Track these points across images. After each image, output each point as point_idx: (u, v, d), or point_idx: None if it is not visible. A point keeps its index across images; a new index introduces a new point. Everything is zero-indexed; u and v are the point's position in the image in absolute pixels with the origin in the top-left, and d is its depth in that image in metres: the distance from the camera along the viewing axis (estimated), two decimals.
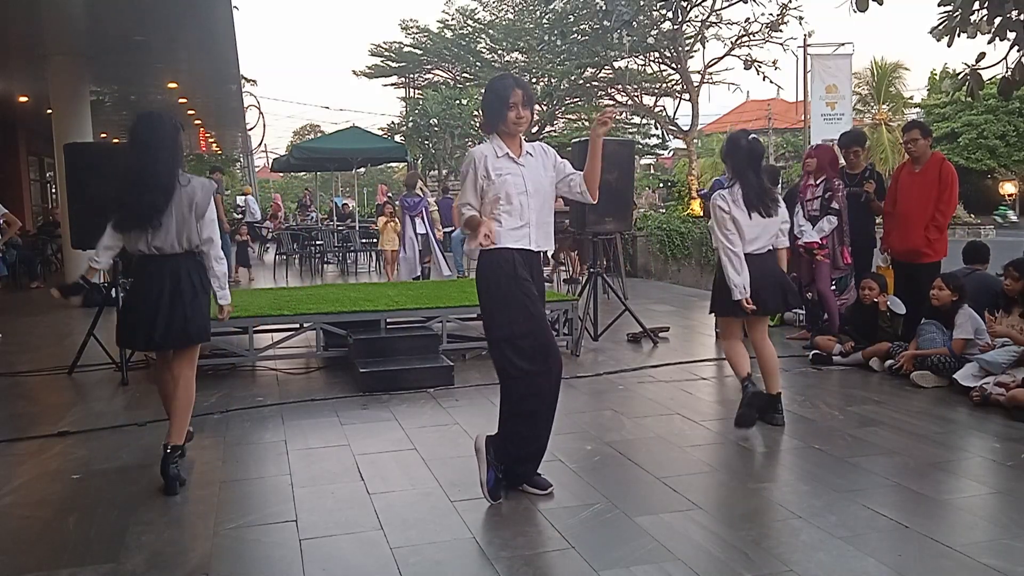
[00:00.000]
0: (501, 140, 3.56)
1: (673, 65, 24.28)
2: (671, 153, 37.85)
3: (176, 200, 3.75)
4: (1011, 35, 5.21)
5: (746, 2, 20.86)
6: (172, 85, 13.71)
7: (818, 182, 6.67)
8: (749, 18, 22.46)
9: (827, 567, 2.89)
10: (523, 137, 3.65)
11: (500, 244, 3.46)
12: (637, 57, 25.02)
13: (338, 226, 17.32)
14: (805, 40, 21.98)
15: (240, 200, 35.38)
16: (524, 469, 3.63)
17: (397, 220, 11.69)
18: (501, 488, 3.57)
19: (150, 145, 3.78)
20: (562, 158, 3.78)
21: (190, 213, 3.76)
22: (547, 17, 25.87)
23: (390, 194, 20.98)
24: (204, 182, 3.90)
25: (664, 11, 21.00)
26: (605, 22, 20.91)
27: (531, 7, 28.69)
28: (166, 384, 3.99)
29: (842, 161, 7.33)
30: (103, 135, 17.32)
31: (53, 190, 19.98)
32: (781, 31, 21.56)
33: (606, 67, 26.66)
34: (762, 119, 42.55)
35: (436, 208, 11.37)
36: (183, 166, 3.96)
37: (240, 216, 21.70)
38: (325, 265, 15.32)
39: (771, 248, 4.66)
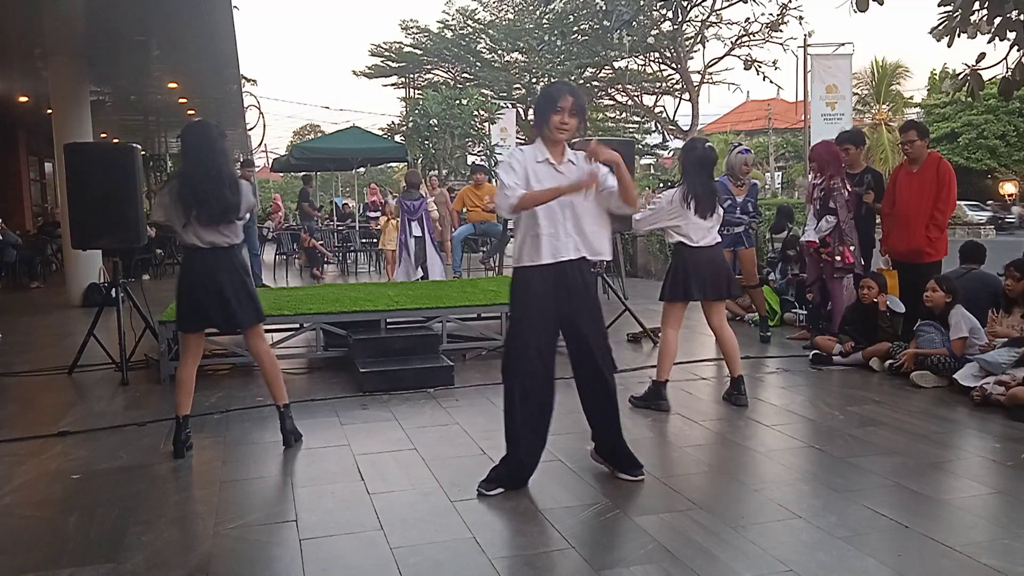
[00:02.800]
0: (544, 145, 3.60)
1: (673, 65, 24.33)
2: (671, 153, 37.86)
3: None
4: (1011, 35, 5.21)
5: (746, 2, 20.87)
6: (172, 85, 13.70)
7: (820, 181, 6.66)
8: (749, 18, 22.57)
9: (827, 567, 2.89)
10: (566, 145, 3.65)
11: (525, 263, 3.57)
12: (637, 57, 25.07)
13: (338, 226, 17.31)
14: (805, 40, 21.99)
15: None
16: (509, 470, 3.65)
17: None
18: (495, 483, 3.61)
19: (220, 151, 4.23)
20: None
21: (245, 211, 4.28)
22: (547, 17, 25.89)
23: (392, 194, 20.95)
24: (246, 183, 4.36)
25: (664, 11, 21.03)
26: (605, 22, 20.93)
27: (531, 7, 28.71)
28: (188, 376, 4.29)
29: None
30: (103, 135, 17.31)
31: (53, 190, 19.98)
32: (781, 31, 21.66)
33: (606, 67, 26.71)
34: (762, 119, 42.57)
35: (435, 209, 11.30)
36: None
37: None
38: (325, 265, 15.32)
39: (718, 241, 5.08)
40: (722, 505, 3.50)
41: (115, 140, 17.81)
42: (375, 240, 14.24)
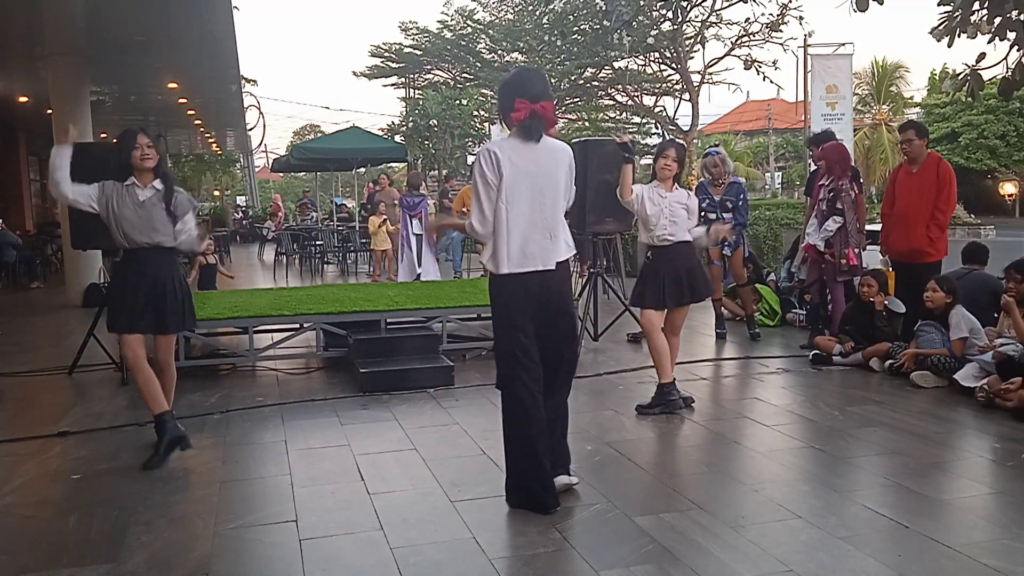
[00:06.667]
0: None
1: (673, 65, 24.33)
2: None
3: None
4: (1011, 35, 5.21)
5: (746, 2, 20.88)
6: (172, 85, 13.71)
7: (828, 182, 6.60)
8: (749, 18, 22.55)
9: (827, 567, 2.89)
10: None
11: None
12: (637, 57, 25.07)
13: (338, 226, 17.33)
14: (805, 40, 21.99)
15: (241, 200, 34.94)
16: (520, 495, 3.47)
17: (390, 220, 11.71)
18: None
19: None
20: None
21: None
22: (547, 17, 25.88)
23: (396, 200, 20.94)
24: None
25: (664, 11, 21.04)
26: (605, 22, 20.95)
27: (531, 7, 28.69)
28: (144, 366, 4.24)
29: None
30: (103, 135, 17.31)
31: None
32: (781, 31, 21.65)
33: (606, 67, 26.70)
34: (762, 119, 42.59)
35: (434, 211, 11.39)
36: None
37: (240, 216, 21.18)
38: (325, 265, 15.32)
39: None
40: (722, 505, 3.50)
41: (115, 140, 17.78)
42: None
